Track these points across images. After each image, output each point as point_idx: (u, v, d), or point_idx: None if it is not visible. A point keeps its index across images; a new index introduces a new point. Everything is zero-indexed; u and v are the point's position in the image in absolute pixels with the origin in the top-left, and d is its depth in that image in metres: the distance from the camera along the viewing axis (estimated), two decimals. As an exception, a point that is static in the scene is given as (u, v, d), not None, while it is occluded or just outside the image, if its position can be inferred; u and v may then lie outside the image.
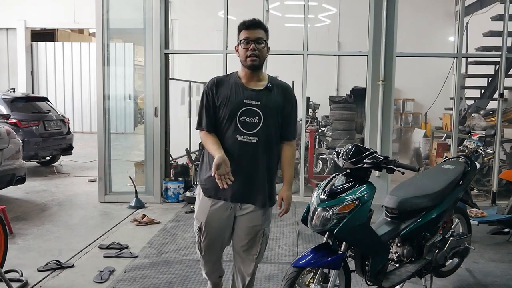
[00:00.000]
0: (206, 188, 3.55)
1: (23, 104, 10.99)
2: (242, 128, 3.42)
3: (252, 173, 3.47)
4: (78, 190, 9.18)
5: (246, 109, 3.42)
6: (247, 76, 3.51)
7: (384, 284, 3.79)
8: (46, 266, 5.15)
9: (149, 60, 8.07)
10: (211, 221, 3.56)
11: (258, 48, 3.44)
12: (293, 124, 3.63)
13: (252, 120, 3.43)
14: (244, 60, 3.44)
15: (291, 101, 3.61)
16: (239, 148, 3.42)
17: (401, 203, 3.91)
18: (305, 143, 9.11)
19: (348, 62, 15.15)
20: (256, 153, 3.45)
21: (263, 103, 3.45)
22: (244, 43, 3.44)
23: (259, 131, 3.43)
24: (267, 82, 3.54)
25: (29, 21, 18.97)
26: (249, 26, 3.47)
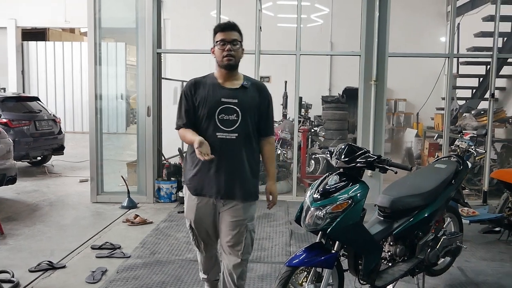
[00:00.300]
0: (191, 186, 3.69)
1: (13, 104, 10.91)
2: (221, 126, 3.54)
3: (234, 169, 3.58)
4: (70, 190, 9.15)
5: (224, 107, 3.56)
6: (223, 76, 3.66)
7: (377, 283, 3.80)
8: (37, 267, 5.11)
9: (142, 60, 8.04)
10: (200, 218, 3.71)
11: (233, 49, 3.58)
12: (270, 120, 3.79)
13: (230, 117, 3.56)
14: (221, 60, 3.59)
15: (267, 98, 3.75)
16: (220, 145, 3.53)
17: (394, 202, 3.93)
18: (298, 142, 9.13)
19: (341, 62, 15.15)
20: (236, 149, 3.58)
21: (240, 101, 3.59)
22: (220, 44, 3.58)
23: (238, 127, 3.56)
24: (243, 81, 3.69)
25: (20, 20, 18.85)
26: (225, 28, 3.61)
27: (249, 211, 3.71)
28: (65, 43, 20.39)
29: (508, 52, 10.56)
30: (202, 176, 3.61)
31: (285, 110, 11.75)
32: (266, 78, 14.12)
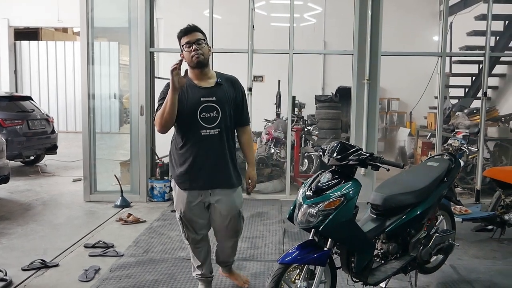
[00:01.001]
0: (180, 182, 3.98)
1: (6, 103, 10.86)
2: (203, 124, 3.84)
3: (218, 161, 3.92)
4: (63, 190, 9.12)
5: (204, 106, 3.84)
6: (197, 76, 3.92)
7: (370, 281, 3.82)
8: (30, 265, 5.11)
9: (134, 59, 8.03)
10: (189, 209, 3.99)
11: (200, 47, 3.81)
12: (245, 110, 4.15)
13: (211, 114, 3.86)
14: (191, 61, 3.82)
15: (241, 90, 4.10)
16: (205, 141, 3.85)
17: (386, 200, 3.94)
18: (291, 142, 9.14)
19: (334, 61, 15.17)
20: (219, 143, 3.90)
21: (218, 98, 3.89)
22: (187, 47, 3.82)
23: (218, 123, 3.88)
24: (216, 78, 3.99)
25: (12, 20, 18.75)
26: (187, 32, 3.86)
27: (238, 197, 4.12)
28: (57, 43, 20.31)
29: (500, 51, 10.62)
30: (190, 172, 3.90)
31: (278, 109, 11.76)
32: (259, 77, 14.15)
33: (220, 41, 8.34)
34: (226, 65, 9.40)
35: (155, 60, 9.21)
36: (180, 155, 3.92)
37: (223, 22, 10.28)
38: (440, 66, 8.34)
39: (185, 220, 4.04)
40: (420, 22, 14.94)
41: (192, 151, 3.88)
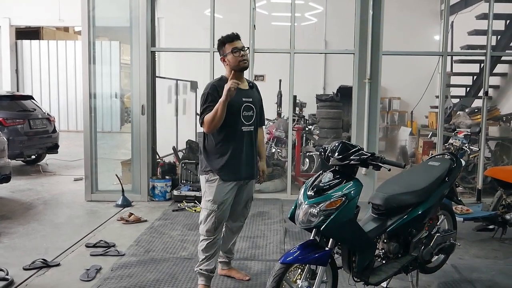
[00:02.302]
0: (223, 174, 4.32)
1: (7, 103, 10.88)
2: (244, 121, 4.36)
3: (253, 155, 4.48)
4: (64, 189, 9.13)
5: (245, 105, 4.35)
6: (237, 78, 4.26)
7: (371, 280, 3.81)
8: (32, 265, 5.11)
9: (136, 58, 8.04)
10: (227, 200, 4.38)
11: (245, 54, 4.33)
12: (263, 113, 4.75)
13: (249, 113, 4.39)
14: (237, 65, 4.28)
15: (260, 95, 4.67)
16: (244, 136, 4.37)
17: (388, 199, 3.93)
18: (292, 141, 9.14)
19: (335, 60, 15.18)
20: (253, 138, 4.47)
21: (253, 99, 4.46)
22: (235, 52, 4.27)
23: (253, 121, 4.44)
24: (248, 82, 4.55)
25: (14, 19, 18.76)
26: (233, 39, 4.33)
27: (253, 186, 4.78)
28: (59, 42, 20.33)
29: (501, 50, 10.60)
30: (230, 164, 4.31)
31: (279, 108, 11.77)
32: (260, 76, 14.15)
33: None
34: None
35: (156, 60, 9.21)
36: (222, 149, 4.32)
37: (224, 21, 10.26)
38: (441, 65, 8.33)
39: (222, 209, 4.35)
40: (421, 21, 14.94)
41: (233, 145, 4.31)
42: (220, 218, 4.35)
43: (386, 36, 8.08)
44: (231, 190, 4.38)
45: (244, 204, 4.68)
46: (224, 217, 4.42)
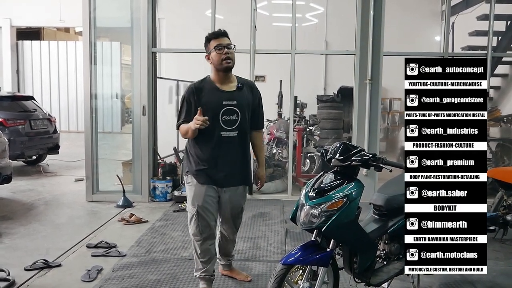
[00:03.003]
0: (199, 177, 4.16)
1: (8, 103, 10.89)
2: (224, 126, 4.08)
3: (235, 161, 4.19)
4: (65, 189, 9.14)
5: (226, 109, 4.06)
6: (220, 79, 4.13)
7: (372, 281, 3.82)
8: (33, 265, 5.11)
9: (137, 59, 8.04)
10: (206, 203, 4.17)
11: (230, 52, 4.05)
12: (261, 115, 4.41)
13: (231, 117, 4.09)
14: (220, 63, 4.03)
15: (258, 96, 4.34)
16: (224, 142, 4.10)
17: (389, 200, 3.94)
18: (293, 142, 9.14)
19: (336, 61, 15.17)
20: (237, 144, 4.16)
21: (238, 102, 4.12)
22: (218, 49, 4.02)
23: (238, 126, 4.13)
24: (237, 82, 4.20)
25: (15, 20, 18.79)
26: (218, 35, 4.10)
27: (245, 194, 4.45)
28: (60, 43, 20.35)
29: (502, 51, 10.60)
30: (209, 170, 4.14)
31: (280, 109, 11.75)
32: (261, 77, 14.13)
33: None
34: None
35: (157, 60, 9.22)
36: (200, 154, 4.15)
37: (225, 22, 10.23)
38: (442, 66, 8.31)
39: (202, 212, 4.16)
40: (422, 22, 14.93)
41: (212, 151, 4.10)
42: (203, 222, 4.20)
43: (387, 37, 8.09)
44: (210, 194, 4.18)
45: (231, 211, 4.39)
46: (208, 221, 4.22)
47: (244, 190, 4.43)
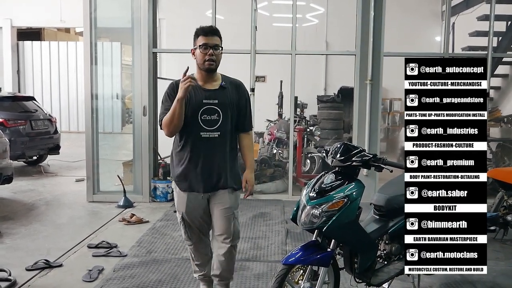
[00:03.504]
0: (179, 183, 3.94)
1: (9, 104, 10.91)
2: (204, 126, 3.79)
3: (217, 164, 3.85)
4: (66, 190, 9.14)
5: (206, 108, 3.79)
6: (203, 77, 3.85)
7: (373, 281, 3.82)
8: (34, 265, 5.12)
9: (137, 59, 8.06)
10: (191, 210, 3.92)
11: (215, 53, 3.76)
12: (248, 116, 4.04)
13: (212, 117, 3.80)
14: (202, 63, 3.76)
15: (245, 96, 4.01)
16: (204, 143, 3.80)
17: (389, 200, 3.94)
18: (294, 142, 9.15)
19: (336, 61, 15.16)
20: (219, 146, 3.84)
21: (220, 101, 3.83)
22: (202, 48, 3.74)
23: (219, 126, 3.81)
24: (221, 81, 3.90)
25: (15, 20, 18.79)
26: (208, 33, 3.78)
27: (233, 199, 3.96)
28: (60, 43, 20.34)
29: (503, 52, 10.60)
30: (188, 173, 3.85)
31: (280, 109, 11.76)
32: (261, 77, 14.12)
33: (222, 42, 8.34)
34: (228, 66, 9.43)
35: (158, 61, 9.22)
36: (179, 156, 3.89)
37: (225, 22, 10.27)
38: (443, 67, 8.32)
39: (187, 220, 3.95)
40: (422, 22, 14.92)
41: (191, 152, 3.82)
42: (190, 229, 3.99)
43: (387, 38, 8.10)
44: (193, 201, 3.89)
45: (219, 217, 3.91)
46: (194, 228, 3.98)
47: (232, 195, 3.94)
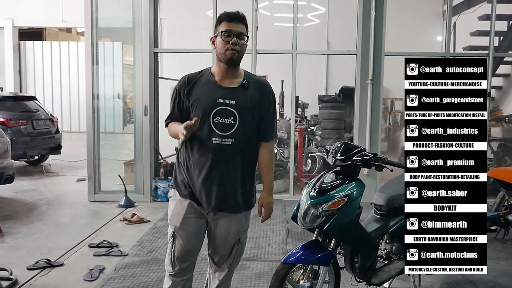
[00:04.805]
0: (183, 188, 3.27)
1: (11, 103, 10.93)
2: (216, 130, 3.12)
3: (227, 179, 3.17)
4: (67, 189, 9.15)
5: (219, 109, 3.13)
6: (222, 72, 3.20)
7: (373, 281, 3.83)
8: (35, 265, 5.13)
9: (139, 59, 8.07)
10: (186, 225, 3.24)
11: (239, 43, 3.14)
12: (272, 123, 3.36)
13: (227, 120, 3.13)
14: (223, 52, 3.13)
15: (269, 99, 3.32)
16: (215, 151, 3.13)
17: (390, 200, 3.95)
18: (295, 142, 9.15)
19: (337, 61, 15.18)
20: (232, 156, 3.15)
21: (238, 102, 3.16)
22: (225, 35, 3.12)
23: (234, 132, 3.14)
24: (243, 78, 3.25)
25: (17, 20, 18.83)
26: (233, 19, 3.17)
27: (243, 223, 3.32)
28: (61, 43, 20.38)
29: (504, 51, 10.61)
30: (195, 184, 3.20)
31: (281, 109, 11.77)
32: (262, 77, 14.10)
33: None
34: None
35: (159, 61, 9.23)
36: (187, 162, 3.23)
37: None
38: (444, 67, 8.32)
39: (178, 236, 3.26)
40: (423, 22, 14.93)
41: (200, 160, 3.16)
42: (179, 248, 3.25)
43: (388, 37, 8.10)
44: (192, 213, 3.23)
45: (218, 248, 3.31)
46: (184, 249, 3.25)
47: (243, 218, 3.31)
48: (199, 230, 3.28)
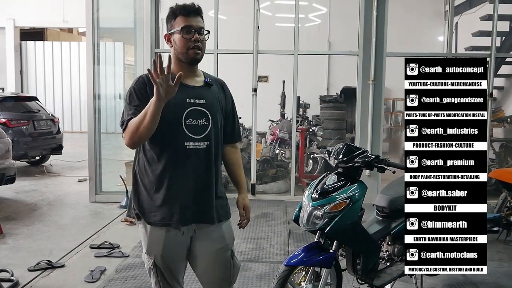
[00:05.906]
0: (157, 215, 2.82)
1: (12, 104, 10.92)
2: (189, 133, 2.77)
3: (205, 185, 2.84)
4: (68, 190, 9.15)
5: (191, 110, 2.78)
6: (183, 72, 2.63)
7: (375, 283, 3.81)
8: (36, 266, 5.13)
9: (140, 59, 8.06)
10: (169, 251, 2.86)
11: (201, 39, 2.81)
12: (236, 123, 3.12)
13: (200, 122, 2.80)
14: (185, 52, 2.76)
15: (231, 98, 3.08)
16: (190, 157, 2.78)
17: (392, 202, 3.94)
18: (296, 142, 9.14)
19: (339, 61, 15.16)
20: (207, 160, 2.83)
21: (209, 101, 2.86)
22: (185, 32, 2.75)
23: (208, 134, 2.82)
24: (204, 77, 2.96)
25: (18, 20, 18.82)
26: (190, 12, 2.80)
27: (229, 232, 3.01)
28: (63, 43, 20.38)
29: (506, 51, 10.58)
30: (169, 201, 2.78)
31: (283, 109, 11.77)
32: (264, 77, 14.14)
33: (225, 42, 8.35)
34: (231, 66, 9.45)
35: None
36: (156, 176, 2.80)
37: (228, 22, 10.28)
38: (446, 67, 8.30)
39: (162, 267, 2.88)
40: (425, 22, 14.91)
41: (173, 170, 2.77)
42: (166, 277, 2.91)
43: (390, 37, 8.09)
44: (173, 239, 2.82)
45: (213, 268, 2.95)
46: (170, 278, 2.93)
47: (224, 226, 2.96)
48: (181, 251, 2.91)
